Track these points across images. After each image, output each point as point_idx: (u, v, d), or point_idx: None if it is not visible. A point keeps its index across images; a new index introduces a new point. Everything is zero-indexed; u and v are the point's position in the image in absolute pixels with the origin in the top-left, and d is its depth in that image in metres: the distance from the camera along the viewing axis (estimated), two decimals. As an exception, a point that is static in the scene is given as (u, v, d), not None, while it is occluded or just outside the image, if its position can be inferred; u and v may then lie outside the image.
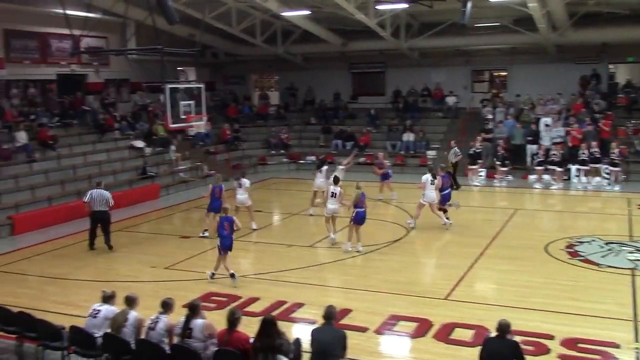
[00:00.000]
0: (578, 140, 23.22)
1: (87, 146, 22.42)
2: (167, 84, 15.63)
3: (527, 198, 21.43)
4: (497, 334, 7.19)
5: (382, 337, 9.54)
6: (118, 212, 19.15)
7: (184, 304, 8.60)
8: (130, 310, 8.05)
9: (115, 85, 27.00)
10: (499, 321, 7.20)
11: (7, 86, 22.42)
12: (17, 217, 17.13)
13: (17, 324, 8.73)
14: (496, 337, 7.21)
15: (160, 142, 24.55)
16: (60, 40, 23.68)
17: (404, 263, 13.49)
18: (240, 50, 30.42)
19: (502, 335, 7.14)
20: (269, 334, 7.02)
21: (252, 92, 34.00)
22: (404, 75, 30.02)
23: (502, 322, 7.18)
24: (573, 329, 9.49)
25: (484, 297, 11.18)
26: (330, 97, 30.94)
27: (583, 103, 25.38)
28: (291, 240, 15.25)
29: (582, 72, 26.84)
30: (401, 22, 26.05)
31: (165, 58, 16.02)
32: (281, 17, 25.12)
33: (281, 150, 28.58)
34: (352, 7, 21.48)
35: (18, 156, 19.87)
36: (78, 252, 14.92)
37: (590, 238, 14.89)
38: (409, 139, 26.83)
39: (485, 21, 25.60)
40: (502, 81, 29.89)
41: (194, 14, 21.05)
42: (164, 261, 13.77)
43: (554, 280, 11.88)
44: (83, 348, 8.12)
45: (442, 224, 16.10)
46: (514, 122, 25.26)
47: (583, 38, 24.85)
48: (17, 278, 13.00)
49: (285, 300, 10.97)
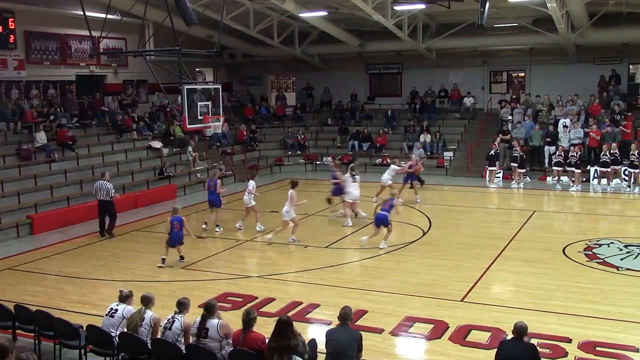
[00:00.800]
0: (597, 141, 22.98)
1: (106, 146, 22.62)
2: (185, 84, 15.70)
3: (545, 200, 21.26)
4: (514, 336, 7.14)
5: (397, 338, 9.50)
6: (135, 212, 19.44)
7: (200, 304, 8.65)
8: (146, 310, 8.11)
9: (134, 86, 27.27)
10: (516, 324, 7.15)
11: (27, 87, 22.70)
12: (36, 216, 17.31)
13: (36, 323, 8.83)
14: (512, 340, 7.15)
15: (177, 143, 24.72)
16: (79, 41, 23.95)
17: (420, 264, 13.44)
18: (258, 51, 30.50)
19: (518, 338, 7.09)
20: (285, 335, 7.03)
21: (269, 93, 34.07)
22: (421, 76, 29.93)
23: (518, 324, 7.13)
24: (591, 332, 9.39)
25: (501, 299, 11.10)
26: (347, 98, 30.92)
27: (602, 104, 25.13)
28: (307, 241, 15.25)
29: (602, 73, 26.59)
30: (418, 22, 25.96)
31: (183, 59, 16.07)
32: (298, 18, 25.14)
33: (298, 151, 28.62)
34: (369, 8, 21.45)
35: (38, 156, 20.10)
36: (96, 251, 15.06)
37: (609, 240, 14.73)
38: (425, 139, 26.73)
39: (503, 21, 25.45)
40: (520, 82, 29.68)
41: (211, 15, 21.12)
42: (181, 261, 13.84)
43: (572, 282, 11.77)
44: (100, 347, 8.20)
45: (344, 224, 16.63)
46: (532, 123, 25.07)
47: (603, 38, 24.60)
48: (36, 277, 13.13)
49: (300, 300, 10.98)
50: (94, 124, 23.64)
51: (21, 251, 15.26)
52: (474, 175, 24.27)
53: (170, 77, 17.58)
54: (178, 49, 15.45)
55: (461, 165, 25.75)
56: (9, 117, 20.89)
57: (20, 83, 22.34)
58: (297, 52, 28.95)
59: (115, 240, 16.04)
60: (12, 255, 14.83)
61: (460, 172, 25.22)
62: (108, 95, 25.70)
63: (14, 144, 20.11)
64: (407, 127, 27.76)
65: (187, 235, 13.82)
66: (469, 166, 25.14)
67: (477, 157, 25.23)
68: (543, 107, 26.00)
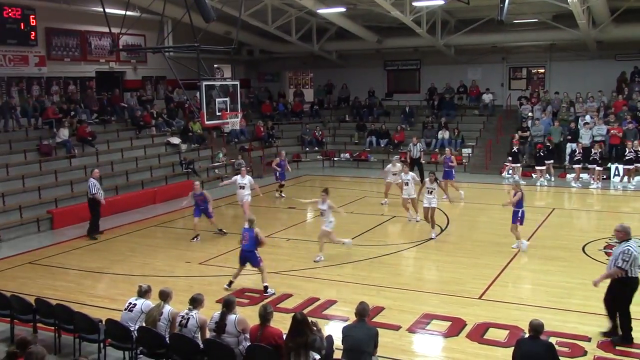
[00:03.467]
0: (618, 138, 22.72)
1: (125, 142, 22.80)
2: (203, 81, 15.76)
3: (565, 197, 21.07)
4: (531, 334, 7.09)
5: (414, 335, 9.48)
6: (154, 207, 19.59)
7: (218, 299, 8.68)
8: (165, 305, 8.17)
9: (153, 82, 27.45)
10: (532, 321, 7.10)
11: (48, 83, 22.94)
12: (56, 211, 17.51)
13: (56, 316, 8.93)
14: (530, 338, 7.10)
15: (196, 139, 24.86)
16: (99, 38, 24.17)
17: (437, 262, 13.39)
18: (276, 48, 30.54)
19: (535, 336, 7.03)
20: (301, 332, 7.04)
21: (286, 90, 34.10)
22: (440, 72, 29.78)
23: (535, 322, 7.08)
24: (611, 331, 9.29)
25: (519, 297, 11.02)
26: (365, 95, 30.87)
27: (624, 100, 24.83)
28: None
29: (623, 69, 26.27)
30: (437, 18, 25.82)
31: (202, 55, 16.11)
32: (317, 14, 25.14)
33: (315, 147, 28.63)
34: (388, 4, 21.37)
35: (58, 152, 20.30)
36: (115, 246, 15.20)
37: (629, 239, 14.53)
38: (444, 136, 26.59)
39: (523, 17, 25.21)
40: (540, 78, 29.42)
41: (230, 12, 21.18)
42: (198, 256, 13.93)
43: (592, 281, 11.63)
44: (119, 341, 8.28)
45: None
46: (550, 120, 24.86)
47: (624, 34, 24.30)
48: (56, 271, 13.28)
49: (317, 297, 11.00)
50: (113, 120, 23.85)
51: (41, 246, 15.46)
52: (492, 172, 24.11)
53: (189, 74, 17.66)
54: (197, 46, 15.51)
55: (480, 162, 25.60)
56: (30, 113, 21.14)
57: (41, 79, 22.61)
58: (315, 48, 28.94)
59: (133, 236, 16.17)
60: (33, 250, 15.03)
61: (478, 169, 25.08)
62: (127, 92, 25.90)
63: (35, 139, 20.34)
64: (425, 124, 27.65)
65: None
66: (488, 163, 24.99)
67: (495, 154, 25.06)
68: (563, 104, 25.75)
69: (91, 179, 16.10)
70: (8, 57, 21.15)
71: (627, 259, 8.74)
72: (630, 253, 8.76)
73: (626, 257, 8.75)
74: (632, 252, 8.77)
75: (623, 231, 9.07)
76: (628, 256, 8.75)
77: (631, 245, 8.86)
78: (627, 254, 8.76)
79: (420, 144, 23.49)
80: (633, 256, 8.76)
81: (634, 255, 8.77)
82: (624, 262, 8.75)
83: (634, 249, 8.81)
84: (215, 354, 7.65)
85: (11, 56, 21.26)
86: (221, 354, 7.56)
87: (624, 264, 8.76)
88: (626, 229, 9.09)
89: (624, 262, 8.75)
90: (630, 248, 8.81)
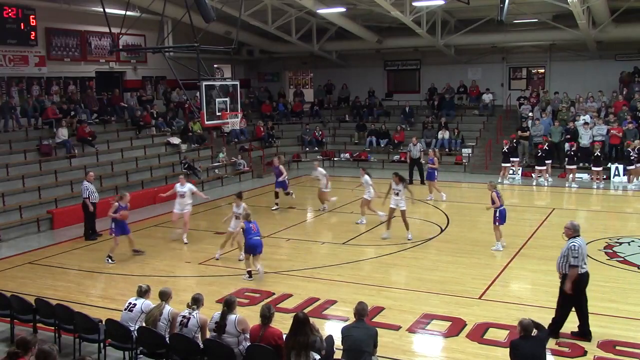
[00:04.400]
0: (618, 138, 22.72)
1: (125, 142, 22.80)
2: (203, 81, 15.76)
3: (565, 197, 21.07)
4: (522, 335, 7.08)
5: (414, 335, 9.49)
6: (154, 207, 19.57)
7: (218, 299, 8.69)
8: (165, 305, 8.17)
9: (153, 82, 27.45)
10: (522, 321, 7.15)
11: (48, 83, 22.94)
12: (56, 211, 17.51)
13: (56, 316, 8.94)
14: (522, 339, 7.08)
15: (196, 139, 24.86)
16: (99, 38, 24.17)
17: (437, 262, 13.39)
18: (276, 48, 30.54)
19: (527, 336, 7.04)
20: (302, 332, 7.04)
21: (286, 90, 34.10)
22: (440, 72, 29.80)
23: (525, 322, 7.14)
24: (611, 331, 9.31)
25: (519, 297, 11.02)
26: (365, 95, 30.87)
27: (625, 100, 24.84)
28: (324, 238, 15.26)
29: (623, 69, 26.28)
30: (437, 18, 25.83)
31: (202, 55, 16.12)
32: (317, 14, 25.14)
33: (315, 147, 28.63)
34: (387, 4, 21.37)
35: (58, 152, 20.30)
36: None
37: (629, 239, 14.59)
38: (444, 136, 26.60)
39: (523, 17, 25.21)
40: (540, 78, 29.42)
41: (230, 12, 21.18)
42: (199, 256, 13.94)
43: (592, 281, 11.47)
44: (119, 341, 8.28)
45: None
46: (550, 120, 24.87)
47: (624, 34, 24.30)
48: (56, 271, 13.28)
49: (317, 297, 11.00)
50: (113, 120, 23.84)
51: (41, 246, 15.47)
52: (492, 172, 24.11)
53: (189, 74, 17.66)
54: (197, 46, 15.52)
55: (480, 162, 25.61)
56: (29, 113, 21.14)
57: (41, 79, 22.61)
58: (315, 48, 28.94)
59: (134, 236, 16.10)
60: (33, 250, 15.03)
61: (478, 169, 25.09)
62: (127, 92, 25.89)
63: (35, 139, 20.34)
64: (425, 124, 27.65)
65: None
66: (488, 163, 24.99)
67: (495, 154, 25.06)
68: (563, 104, 25.76)
69: (85, 182, 15.99)
70: (8, 57, 21.15)
71: (577, 255, 8.84)
72: (577, 248, 8.85)
73: (575, 254, 8.85)
74: (578, 246, 8.85)
75: (572, 228, 9.16)
76: (576, 252, 8.84)
77: (576, 241, 8.94)
78: (575, 250, 8.86)
79: (420, 144, 23.51)
80: (580, 251, 8.85)
81: (581, 250, 8.86)
82: (574, 258, 8.85)
83: (579, 244, 8.89)
84: (215, 354, 7.65)
85: (11, 56, 21.26)
86: (221, 354, 7.56)
87: (574, 261, 8.85)
88: (575, 226, 9.18)
89: (575, 259, 8.84)
90: (576, 244, 8.89)
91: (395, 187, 14.88)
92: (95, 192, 16.12)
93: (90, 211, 15.81)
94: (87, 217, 15.95)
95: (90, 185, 15.91)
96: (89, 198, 15.77)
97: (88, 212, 15.85)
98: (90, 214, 15.87)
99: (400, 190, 14.85)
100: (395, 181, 14.88)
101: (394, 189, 14.90)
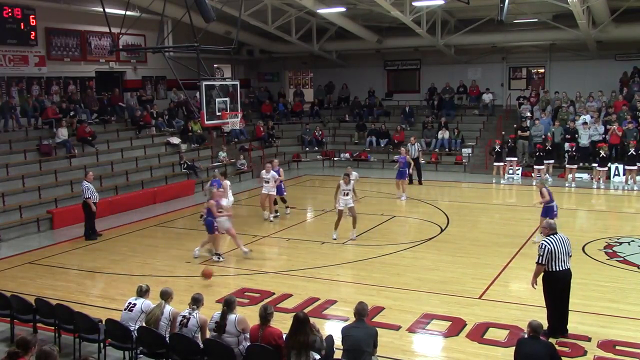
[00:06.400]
0: (618, 138, 22.73)
1: (125, 142, 22.80)
2: (203, 81, 15.76)
3: (564, 197, 21.05)
4: (531, 334, 7.09)
5: (414, 335, 9.48)
6: (154, 207, 19.59)
7: (218, 299, 8.69)
8: (166, 304, 8.18)
9: (153, 82, 27.45)
10: (532, 322, 7.12)
11: (48, 83, 22.94)
12: (56, 211, 17.50)
13: (56, 316, 8.93)
14: (530, 339, 7.11)
15: (195, 139, 24.87)
16: (99, 38, 24.16)
17: (437, 262, 13.38)
18: (276, 48, 30.54)
19: (536, 337, 7.04)
20: (302, 332, 7.04)
21: (286, 89, 34.10)
22: (439, 72, 29.79)
23: (535, 323, 7.10)
24: (611, 331, 9.30)
25: (519, 297, 11.02)
26: (365, 94, 30.87)
27: (625, 100, 24.84)
28: (324, 238, 15.26)
29: (623, 69, 26.28)
30: (437, 18, 25.82)
31: (202, 55, 16.11)
32: (317, 14, 25.14)
33: (315, 147, 28.63)
34: (387, 4, 21.37)
35: (58, 152, 20.30)
36: (115, 246, 15.19)
37: (629, 238, 14.58)
38: (443, 136, 26.61)
39: (523, 17, 25.22)
40: (540, 78, 29.43)
41: (230, 12, 21.17)
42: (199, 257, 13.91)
43: (592, 281, 11.64)
44: (119, 341, 8.28)
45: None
46: (549, 120, 24.87)
47: (625, 34, 24.30)
48: (56, 271, 13.27)
49: (317, 297, 11.00)
50: (113, 119, 23.84)
51: (41, 245, 15.46)
52: (492, 172, 24.11)
53: (188, 74, 17.67)
54: (197, 46, 15.51)
55: (479, 162, 25.61)
56: (29, 113, 21.13)
57: (41, 79, 22.60)
58: (315, 48, 28.94)
59: (133, 236, 16.18)
60: (33, 250, 15.02)
61: (478, 169, 25.09)
62: (127, 92, 25.90)
63: (35, 139, 20.34)
64: (425, 124, 27.65)
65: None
66: (487, 163, 24.99)
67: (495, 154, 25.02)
68: (563, 104, 25.76)
69: (84, 182, 15.95)
70: (8, 57, 21.14)
71: (541, 252, 8.84)
72: (543, 246, 8.83)
73: (540, 251, 8.87)
74: (546, 246, 8.81)
75: (548, 227, 9.19)
76: (541, 250, 8.85)
77: (546, 239, 8.91)
78: (540, 248, 8.88)
79: (418, 144, 23.45)
80: (547, 250, 8.79)
81: (549, 249, 8.79)
82: (539, 256, 8.87)
83: (549, 242, 8.82)
84: (215, 354, 7.65)
85: (11, 56, 21.26)
86: (221, 353, 7.56)
87: (538, 258, 8.88)
88: (550, 224, 9.22)
89: (539, 257, 8.86)
90: (544, 242, 8.87)
91: (344, 187, 14.78)
92: (95, 192, 16.12)
93: (92, 211, 15.80)
94: (87, 217, 15.93)
95: (90, 185, 15.91)
96: (91, 198, 15.76)
97: (88, 212, 15.84)
98: (92, 213, 15.87)
99: (350, 190, 14.82)
100: (345, 181, 14.80)
101: (344, 189, 14.78)
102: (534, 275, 9.06)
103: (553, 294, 9.01)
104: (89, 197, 15.72)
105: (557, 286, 8.97)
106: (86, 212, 15.88)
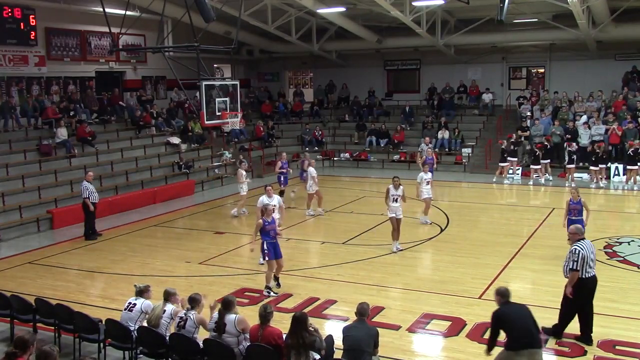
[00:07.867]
0: (618, 138, 22.72)
1: (125, 142, 22.79)
2: (203, 81, 15.76)
3: (564, 197, 20.95)
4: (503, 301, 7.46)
5: (414, 335, 9.48)
6: (154, 207, 19.59)
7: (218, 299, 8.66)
8: (167, 303, 8.18)
9: (153, 82, 27.45)
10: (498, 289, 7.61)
11: (48, 83, 22.93)
12: (56, 211, 17.50)
13: (56, 316, 8.93)
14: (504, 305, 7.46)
15: (195, 139, 24.86)
16: (99, 38, 24.16)
17: (437, 262, 13.39)
18: (275, 48, 30.54)
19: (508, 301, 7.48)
20: (301, 331, 7.04)
21: (286, 89, 34.10)
22: (439, 72, 29.80)
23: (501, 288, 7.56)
24: (610, 331, 9.29)
25: (519, 297, 10.90)
26: (365, 94, 30.87)
27: (624, 100, 24.84)
28: (325, 237, 15.26)
29: (623, 69, 26.27)
30: (437, 18, 25.82)
31: (202, 55, 16.11)
32: (316, 14, 25.14)
33: (315, 147, 28.63)
34: (387, 4, 21.37)
35: (58, 152, 20.29)
36: (115, 246, 15.19)
37: (629, 238, 14.59)
38: (443, 136, 26.61)
39: (523, 17, 25.22)
40: (540, 78, 29.43)
41: (230, 12, 21.16)
42: (198, 256, 13.92)
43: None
44: (119, 341, 8.28)
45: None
46: (549, 120, 24.87)
47: (624, 34, 24.31)
48: (56, 271, 13.27)
49: (317, 297, 11.00)
50: (113, 119, 23.83)
51: (41, 245, 15.47)
52: (492, 172, 24.11)
53: (188, 74, 17.67)
54: (197, 46, 15.51)
55: (479, 162, 25.61)
56: (29, 112, 21.13)
57: (40, 79, 22.59)
58: (315, 48, 28.94)
59: (133, 236, 16.18)
60: (33, 250, 15.02)
61: (478, 169, 25.09)
62: (127, 92, 25.89)
63: (35, 139, 20.33)
64: (425, 124, 27.65)
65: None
66: (487, 163, 24.99)
67: (495, 154, 25.05)
68: (562, 104, 25.76)
69: (84, 182, 15.97)
70: (8, 57, 21.13)
71: (576, 259, 8.62)
72: (577, 252, 8.63)
73: (575, 257, 8.64)
74: (578, 250, 8.62)
75: (577, 232, 8.96)
76: (576, 256, 8.63)
77: (578, 244, 8.71)
78: (574, 254, 8.65)
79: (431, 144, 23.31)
80: (581, 254, 8.60)
81: (582, 255, 8.60)
82: (574, 262, 8.64)
83: (582, 248, 8.65)
84: (215, 354, 7.65)
85: (11, 56, 21.25)
86: (221, 353, 7.56)
87: (574, 265, 8.65)
88: (579, 229, 9.01)
89: (574, 262, 8.64)
90: (577, 247, 8.67)
91: (393, 192, 13.66)
92: (95, 192, 16.12)
93: (91, 211, 15.81)
94: (87, 216, 15.92)
95: (89, 185, 15.90)
96: (89, 198, 15.76)
97: (88, 211, 15.84)
98: (91, 213, 15.87)
99: (399, 197, 13.70)
100: (395, 185, 13.64)
101: (393, 194, 13.70)
102: (569, 282, 8.80)
103: (579, 300, 8.81)
104: (87, 197, 15.73)
105: (584, 293, 8.79)
106: (86, 212, 15.88)
